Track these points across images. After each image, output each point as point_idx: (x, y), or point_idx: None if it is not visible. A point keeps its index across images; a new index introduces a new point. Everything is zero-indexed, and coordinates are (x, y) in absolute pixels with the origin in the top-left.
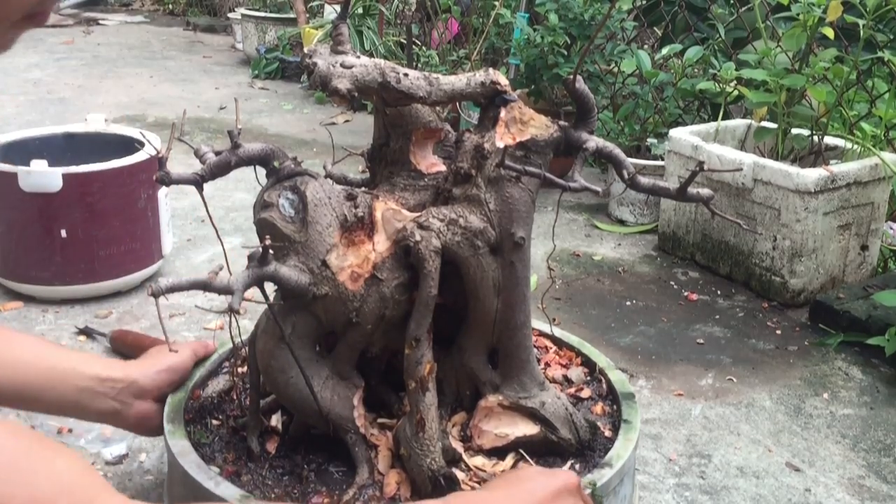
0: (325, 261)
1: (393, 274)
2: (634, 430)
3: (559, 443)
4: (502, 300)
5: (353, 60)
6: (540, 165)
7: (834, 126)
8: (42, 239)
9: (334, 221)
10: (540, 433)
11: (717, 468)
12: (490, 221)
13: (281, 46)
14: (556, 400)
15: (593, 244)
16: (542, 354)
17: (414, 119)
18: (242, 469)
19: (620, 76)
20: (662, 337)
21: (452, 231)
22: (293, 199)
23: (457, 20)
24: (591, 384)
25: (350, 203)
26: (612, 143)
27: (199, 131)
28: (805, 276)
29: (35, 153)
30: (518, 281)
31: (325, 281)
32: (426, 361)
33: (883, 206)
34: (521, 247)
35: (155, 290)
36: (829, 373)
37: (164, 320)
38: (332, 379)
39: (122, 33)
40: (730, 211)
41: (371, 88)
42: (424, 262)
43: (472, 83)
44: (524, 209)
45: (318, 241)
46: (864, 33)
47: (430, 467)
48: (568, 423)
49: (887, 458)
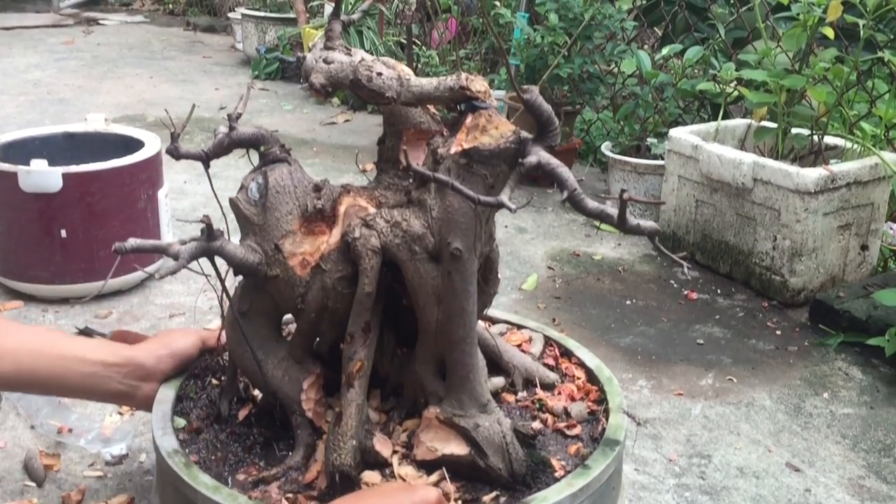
0: (278, 245)
1: (337, 266)
2: (585, 477)
3: (487, 469)
4: (442, 310)
5: (335, 56)
6: (485, 176)
7: (834, 126)
8: (42, 239)
9: (295, 209)
10: (469, 455)
11: (717, 468)
12: (430, 228)
13: (281, 46)
14: (496, 425)
15: (593, 244)
16: (565, 382)
17: (405, 119)
18: (204, 428)
19: (620, 76)
20: (662, 337)
21: (395, 233)
22: (261, 184)
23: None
24: (589, 423)
25: (315, 194)
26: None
27: (199, 131)
28: (805, 275)
29: (35, 153)
30: (455, 293)
31: (276, 264)
32: (357, 359)
33: (883, 206)
34: (457, 258)
35: (118, 248)
36: (829, 373)
37: (164, 320)
38: (287, 360)
39: (121, 33)
40: (730, 211)
41: (343, 84)
42: (361, 259)
43: (441, 87)
44: (463, 220)
45: (274, 225)
46: (864, 33)
47: (334, 462)
48: (501, 452)
49: (887, 458)
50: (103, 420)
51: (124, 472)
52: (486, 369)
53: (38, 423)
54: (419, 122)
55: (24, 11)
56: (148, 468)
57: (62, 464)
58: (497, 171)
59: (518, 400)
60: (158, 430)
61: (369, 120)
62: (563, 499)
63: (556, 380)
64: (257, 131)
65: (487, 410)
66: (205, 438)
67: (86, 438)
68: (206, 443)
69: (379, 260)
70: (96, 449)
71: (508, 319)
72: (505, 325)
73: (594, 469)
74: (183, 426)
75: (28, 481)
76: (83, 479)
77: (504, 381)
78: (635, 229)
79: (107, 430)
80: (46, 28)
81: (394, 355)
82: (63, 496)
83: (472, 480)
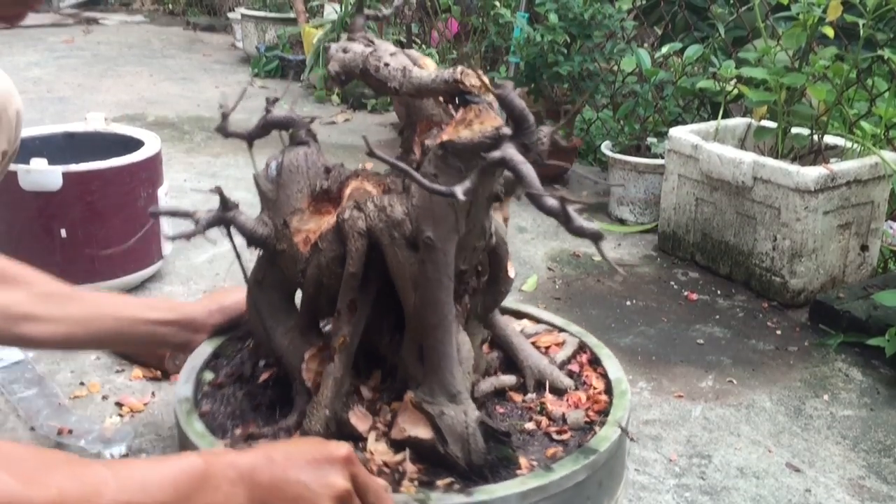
0: (286, 220)
1: (332, 246)
2: (541, 479)
3: (446, 456)
4: (418, 297)
5: (352, 46)
6: (459, 168)
7: (834, 125)
8: (42, 238)
9: (305, 188)
10: (431, 440)
11: (717, 469)
12: (409, 215)
13: (281, 45)
14: (461, 416)
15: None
16: (580, 390)
17: (419, 111)
18: (227, 384)
19: (620, 75)
20: (662, 337)
21: (380, 217)
22: (280, 163)
23: (457, 19)
24: (583, 432)
25: (325, 175)
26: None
27: (199, 130)
28: (805, 276)
29: (35, 152)
30: (429, 281)
31: (283, 238)
32: (341, 335)
33: (883, 206)
34: (430, 247)
35: (153, 211)
36: (829, 374)
37: None
38: (294, 331)
39: (121, 32)
40: (730, 209)
41: (355, 73)
42: (347, 240)
43: (437, 80)
44: (438, 210)
45: (285, 202)
46: (863, 32)
47: (303, 428)
48: (461, 441)
49: (887, 458)
50: (103, 421)
51: None
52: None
53: (38, 424)
54: (431, 115)
55: None
56: None
57: None
58: (472, 164)
59: (524, 400)
60: (182, 379)
61: (369, 119)
62: (511, 495)
63: (569, 386)
64: (288, 115)
65: (456, 401)
66: (224, 393)
67: (86, 439)
68: (224, 397)
69: (365, 242)
70: (96, 450)
71: (552, 321)
72: (546, 325)
73: (556, 473)
74: (210, 380)
75: None
76: None
77: (515, 380)
78: (579, 230)
79: (107, 430)
80: (46, 27)
81: (392, 337)
82: None
83: (435, 465)
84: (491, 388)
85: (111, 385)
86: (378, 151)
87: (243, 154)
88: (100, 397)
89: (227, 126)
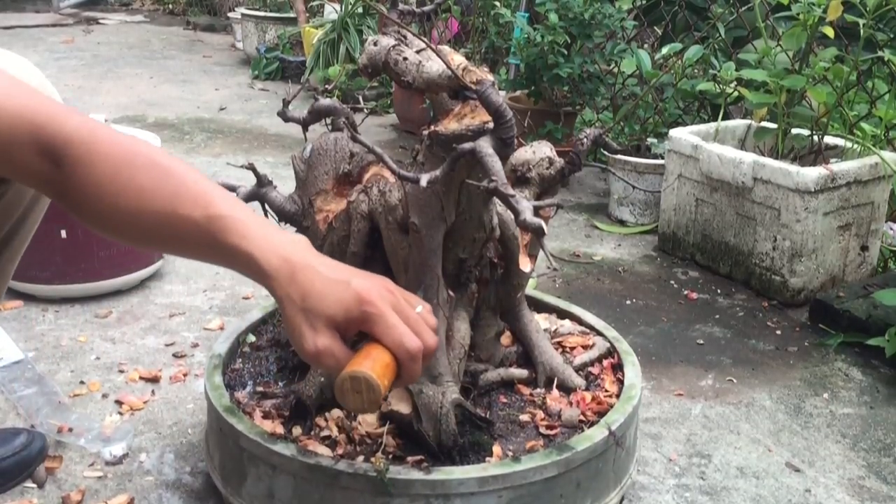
0: (311, 200)
1: (343, 226)
2: (504, 468)
3: (419, 432)
4: (408, 279)
5: (381, 40)
6: (442, 158)
7: (834, 126)
8: (42, 238)
9: (331, 171)
10: (409, 416)
11: (717, 468)
12: (402, 202)
13: (281, 46)
14: (438, 396)
15: (593, 244)
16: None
17: (439, 104)
18: (265, 347)
19: (620, 76)
20: (662, 337)
21: (380, 202)
22: (314, 146)
23: (457, 19)
24: (574, 430)
25: (349, 160)
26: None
27: (199, 131)
28: (805, 275)
29: None
30: (415, 264)
31: (308, 216)
32: None
33: (883, 206)
34: (415, 233)
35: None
36: (829, 373)
37: (164, 320)
38: None
39: (121, 33)
40: (730, 210)
41: (379, 66)
42: (351, 221)
43: (442, 75)
44: (423, 197)
45: (312, 183)
46: (864, 33)
47: (297, 390)
48: (434, 421)
49: (887, 458)
50: (103, 419)
51: (124, 472)
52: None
53: (38, 422)
54: (450, 109)
55: (24, 11)
56: (148, 468)
57: (62, 464)
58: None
59: (531, 394)
60: (221, 339)
61: (368, 120)
62: (469, 479)
63: (579, 385)
64: (332, 104)
65: (437, 382)
66: (258, 355)
67: (86, 438)
68: (257, 358)
69: (367, 224)
70: (96, 448)
71: (593, 324)
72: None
73: (522, 464)
74: (251, 342)
75: (28, 483)
76: (83, 480)
77: (525, 374)
78: (523, 224)
79: (107, 429)
80: (46, 27)
81: None
82: (63, 496)
83: (413, 443)
84: (498, 378)
85: (111, 384)
86: (359, 137)
87: (243, 154)
88: (99, 396)
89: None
